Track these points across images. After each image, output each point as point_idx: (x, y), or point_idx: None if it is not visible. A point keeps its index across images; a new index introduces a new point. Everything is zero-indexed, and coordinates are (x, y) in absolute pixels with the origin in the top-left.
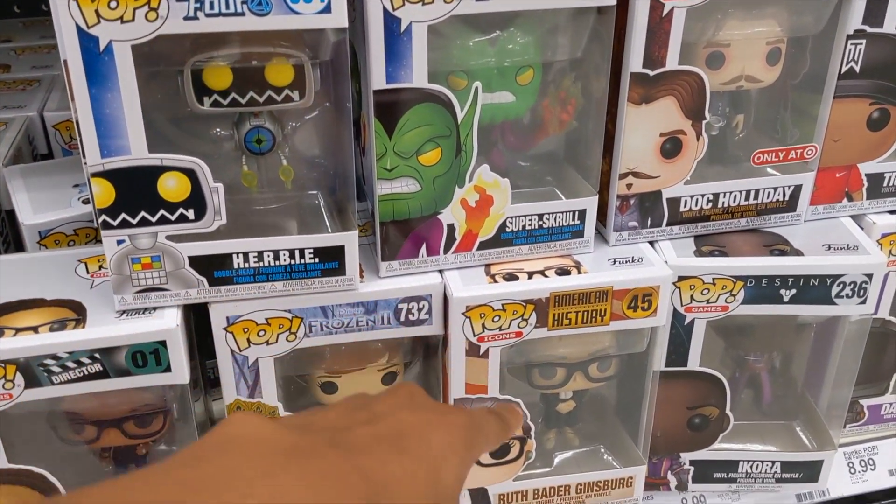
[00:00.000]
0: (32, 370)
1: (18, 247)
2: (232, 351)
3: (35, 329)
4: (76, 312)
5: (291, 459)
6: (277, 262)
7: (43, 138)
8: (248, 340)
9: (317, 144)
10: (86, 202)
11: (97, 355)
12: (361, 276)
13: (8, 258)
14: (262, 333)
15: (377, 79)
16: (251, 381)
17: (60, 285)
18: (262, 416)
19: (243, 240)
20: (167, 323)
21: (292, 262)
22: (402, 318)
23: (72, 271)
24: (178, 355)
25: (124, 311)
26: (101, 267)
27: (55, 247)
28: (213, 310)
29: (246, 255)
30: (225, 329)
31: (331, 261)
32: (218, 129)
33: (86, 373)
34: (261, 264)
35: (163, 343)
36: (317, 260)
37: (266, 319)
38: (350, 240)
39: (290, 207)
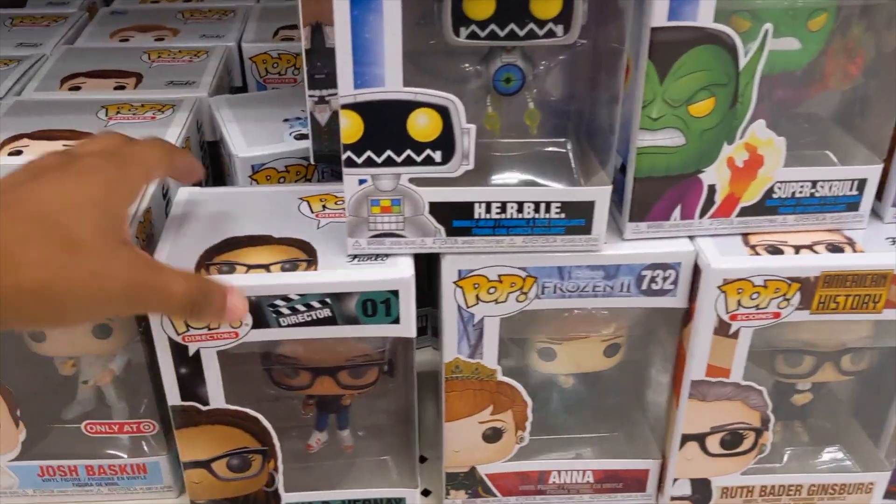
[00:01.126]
0: (262, 310)
1: (217, 179)
2: (459, 307)
3: (267, 268)
4: (306, 253)
5: None
6: (520, 215)
7: (239, 70)
8: (477, 297)
9: (568, 87)
10: (298, 138)
11: (328, 300)
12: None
13: (228, 191)
14: (492, 291)
15: (658, 14)
16: (473, 341)
17: (286, 223)
18: None
19: (488, 188)
20: (402, 272)
21: (536, 216)
22: (644, 287)
23: (295, 209)
24: (409, 307)
25: (356, 256)
26: (324, 207)
27: (266, 182)
28: (445, 262)
29: (489, 205)
30: (455, 283)
31: (577, 218)
32: (466, 65)
33: (314, 318)
34: (502, 216)
35: (395, 293)
36: (563, 216)
37: (498, 276)
38: (602, 196)
39: (533, 156)
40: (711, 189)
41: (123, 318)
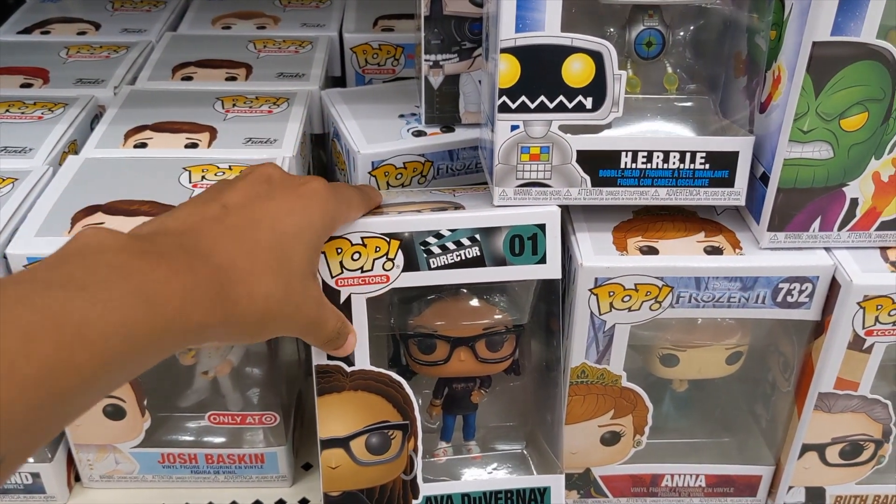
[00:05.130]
0: (413, 250)
1: (321, 172)
2: (591, 314)
3: (419, 211)
4: (452, 205)
5: (139, 262)
6: (665, 165)
7: (338, 60)
8: (611, 305)
9: (704, 52)
10: (416, 135)
11: (477, 236)
12: (739, 248)
13: None
14: (626, 299)
15: (822, 29)
16: (602, 347)
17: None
18: (113, 230)
19: (635, 137)
20: (548, 207)
21: (681, 166)
22: (780, 299)
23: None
24: (555, 244)
25: (501, 206)
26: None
27: (384, 178)
28: (582, 270)
29: (635, 154)
30: (590, 290)
31: (721, 169)
32: (611, 28)
33: (463, 257)
34: (648, 166)
35: (542, 227)
36: (707, 166)
37: (635, 285)
38: (745, 147)
39: (674, 109)
40: (854, 202)
41: None
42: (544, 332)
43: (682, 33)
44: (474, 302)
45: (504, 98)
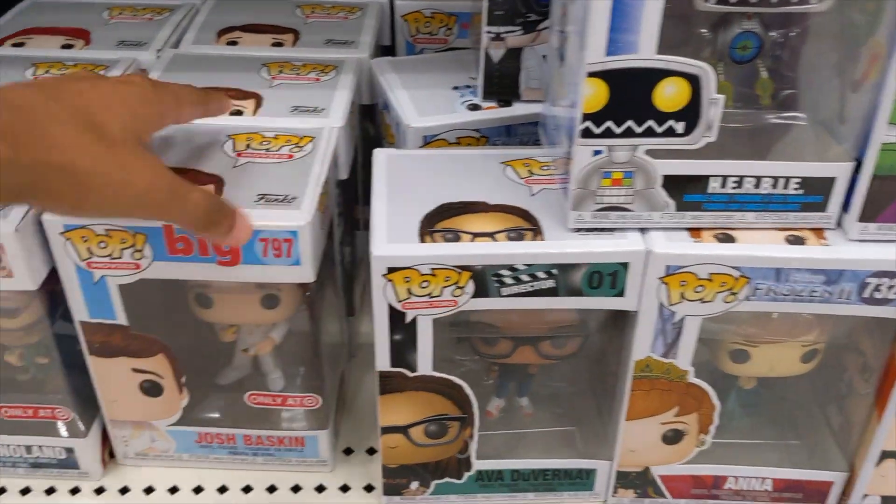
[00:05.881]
0: (485, 279)
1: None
2: (661, 304)
3: (492, 236)
4: (528, 222)
5: None
6: (756, 190)
7: (388, 28)
8: (682, 295)
9: (803, 59)
10: (471, 108)
11: (554, 271)
12: (823, 238)
13: (426, 153)
14: (699, 290)
15: None
16: (670, 340)
17: (497, 189)
18: None
19: (727, 162)
20: (634, 244)
21: (773, 191)
22: (866, 295)
23: (500, 174)
24: (636, 281)
25: (579, 230)
26: (531, 172)
27: None
28: (652, 257)
29: (725, 178)
30: (660, 279)
31: (815, 194)
32: (703, 30)
33: (536, 289)
34: (738, 190)
35: (625, 266)
36: (801, 192)
37: (709, 274)
38: (843, 173)
39: (765, 128)
40: None
41: (144, 220)
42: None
43: (779, 35)
44: None
45: (588, 123)
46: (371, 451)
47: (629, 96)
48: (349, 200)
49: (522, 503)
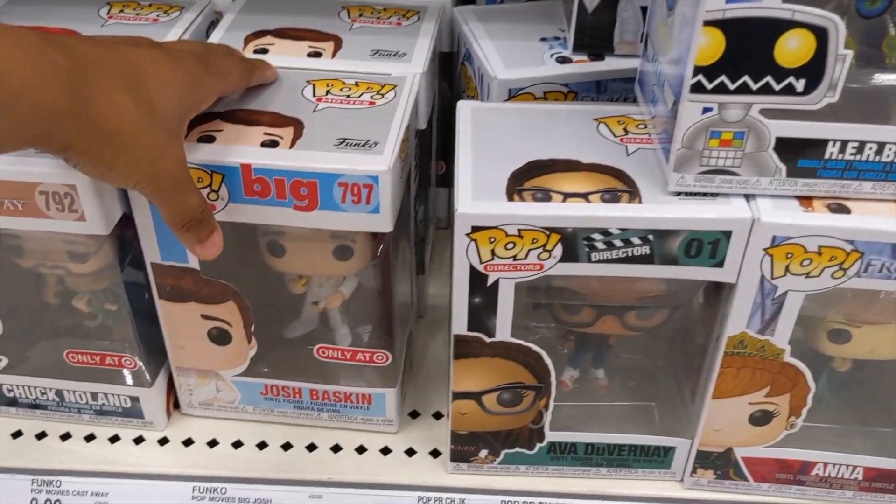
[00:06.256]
0: (575, 243)
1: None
2: (762, 277)
3: (585, 197)
4: (624, 183)
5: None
6: (878, 158)
7: None
8: (787, 269)
9: None
10: (560, 61)
11: (650, 237)
12: None
13: (513, 107)
14: (805, 263)
15: None
16: (769, 316)
17: (590, 147)
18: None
19: (851, 125)
20: (739, 211)
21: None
22: None
23: (594, 131)
24: (738, 251)
25: (678, 193)
26: (626, 130)
27: None
28: (758, 225)
29: (844, 143)
30: (765, 250)
31: None
32: None
33: (629, 254)
34: (856, 158)
35: (727, 234)
36: None
37: (818, 247)
38: None
39: (889, 91)
40: None
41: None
42: (697, 291)
43: None
44: None
45: (699, 77)
46: (437, 416)
47: (748, 49)
48: (424, 153)
49: (594, 478)
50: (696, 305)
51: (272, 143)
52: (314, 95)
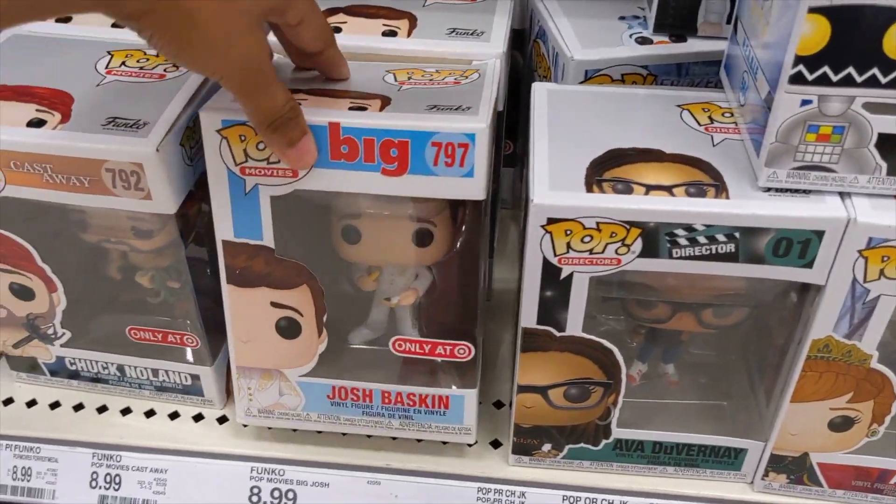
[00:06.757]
0: (657, 238)
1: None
2: (854, 280)
3: (669, 190)
4: (710, 176)
5: None
6: None
7: None
8: (881, 272)
9: None
10: (640, 42)
11: (737, 234)
12: None
13: (591, 90)
14: None
15: None
16: (858, 320)
17: (673, 135)
18: None
19: None
20: (834, 210)
21: None
22: None
23: (677, 118)
24: (829, 252)
25: (768, 189)
26: (711, 119)
27: None
28: (853, 226)
29: None
30: (860, 252)
31: None
32: None
33: (713, 252)
34: None
35: (819, 235)
36: None
37: None
38: None
39: None
40: None
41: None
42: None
43: None
44: None
45: (800, 67)
46: (498, 405)
47: (855, 38)
48: (497, 135)
49: (660, 477)
50: (776, 304)
51: (360, 109)
52: (396, 80)
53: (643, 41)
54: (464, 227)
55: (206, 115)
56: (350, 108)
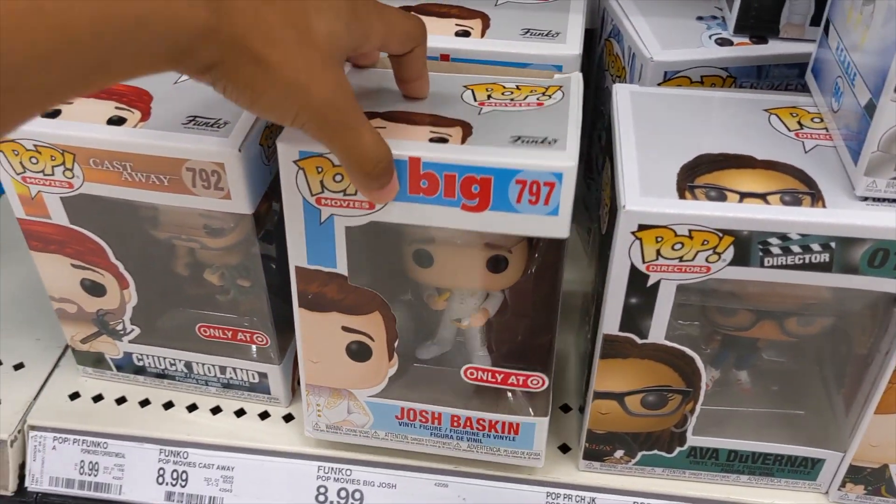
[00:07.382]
0: (749, 246)
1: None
2: None
3: (763, 197)
4: (805, 184)
5: None
6: None
7: None
8: None
9: None
10: (720, 43)
11: (832, 244)
12: None
13: (676, 93)
14: None
15: None
16: None
17: (763, 141)
18: None
19: None
20: None
21: None
22: None
23: (765, 124)
24: None
25: (866, 199)
26: (801, 125)
27: None
28: None
29: None
30: None
31: None
32: None
33: (806, 261)
34: None
35: None
36: None
37: None
38: None
39: None
40: None
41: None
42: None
43: None
44: None
45: None
46: (565, 408)
47: None
48: None
49: (734, 485)
50: (861, 313)
51: (441, 140)
52: (475, 100)
53: (723, 42)
54: (538, 255)
55: (284, 146)
56: (431, 139)
